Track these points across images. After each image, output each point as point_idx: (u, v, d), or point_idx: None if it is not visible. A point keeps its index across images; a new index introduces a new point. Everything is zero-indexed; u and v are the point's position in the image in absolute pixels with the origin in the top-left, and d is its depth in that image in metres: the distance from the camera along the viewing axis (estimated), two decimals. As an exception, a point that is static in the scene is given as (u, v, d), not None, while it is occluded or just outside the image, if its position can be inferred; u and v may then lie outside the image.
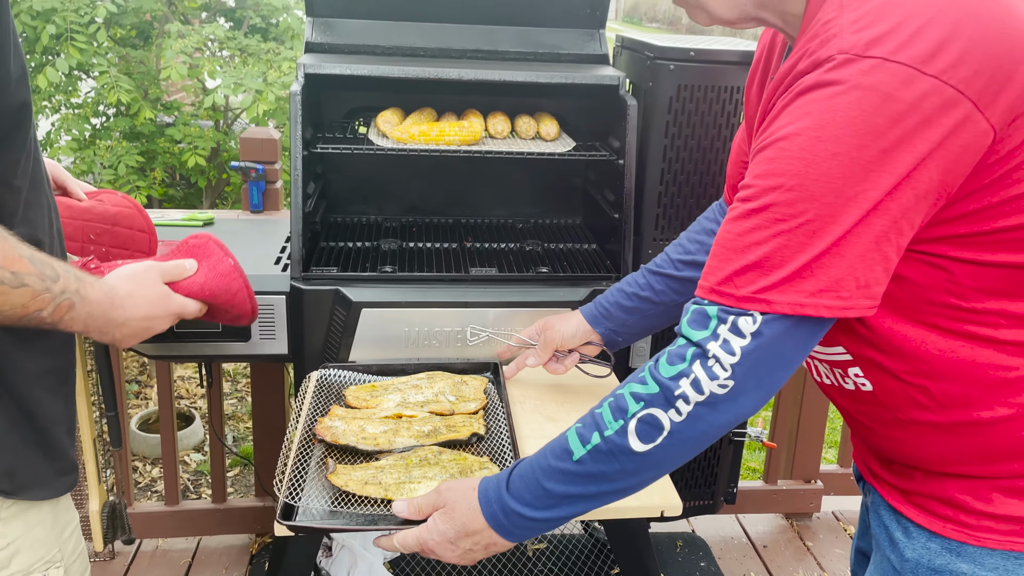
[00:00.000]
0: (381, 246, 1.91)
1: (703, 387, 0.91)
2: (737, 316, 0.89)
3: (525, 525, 1.05)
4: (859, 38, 0.83)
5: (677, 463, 0.99)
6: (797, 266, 0.86)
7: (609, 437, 0.96)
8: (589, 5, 1.97)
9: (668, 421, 0.94)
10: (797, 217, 0.85)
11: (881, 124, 0.81)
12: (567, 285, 1.74)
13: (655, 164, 1.73)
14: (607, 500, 1.03)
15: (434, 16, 1.93)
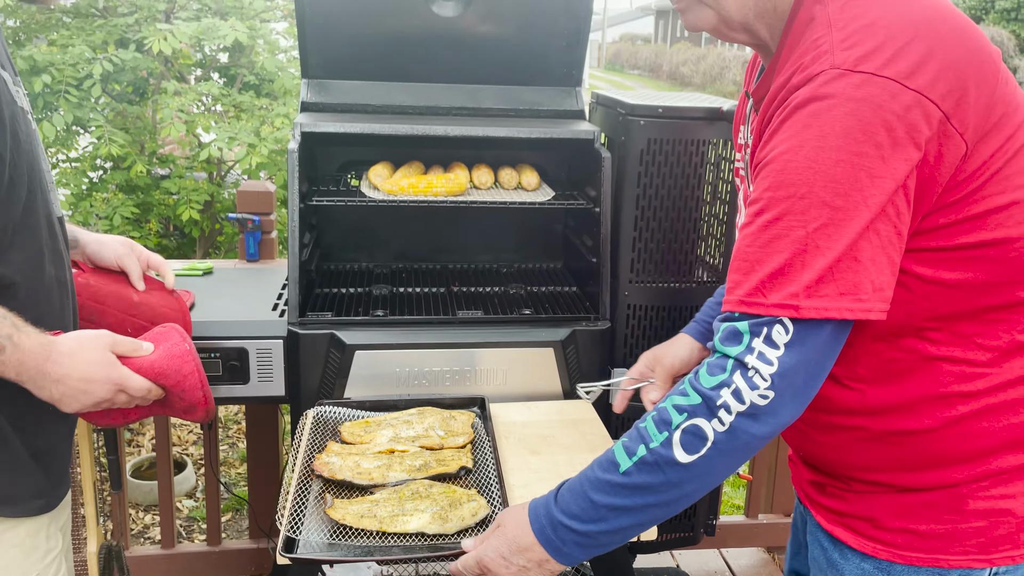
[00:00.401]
0: (373, 291, 2.02)
1: (744, 397, 0.95)
2: (769, 327, 0.94)
3: (573, 540, 1.06)
4: (848, 55, 0.93)
5: (721, 476, 1.02)
6: (819, 270, 0.92)
7: (654, 449, 1.00)
8: (566, 65, 2.11)
9: (711, 431, 0.97)
10: (813, 222, 0.91)
11: (876, 132, 0.90)
12: (549, 326, 1.84)
13: (629, 211, 1.86)
14: (653, 514, 1.04)
15: (422, 76, 2.07)
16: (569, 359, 1.82)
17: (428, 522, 1.32)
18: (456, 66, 2.07)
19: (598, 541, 1.07)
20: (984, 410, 1.05)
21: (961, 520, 1.08)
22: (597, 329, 1.84)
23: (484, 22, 2.01)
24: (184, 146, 3.42)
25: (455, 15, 1.98)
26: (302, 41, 1.98)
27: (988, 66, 0.97)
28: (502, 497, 1.39)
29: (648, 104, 1.82)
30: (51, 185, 1.29)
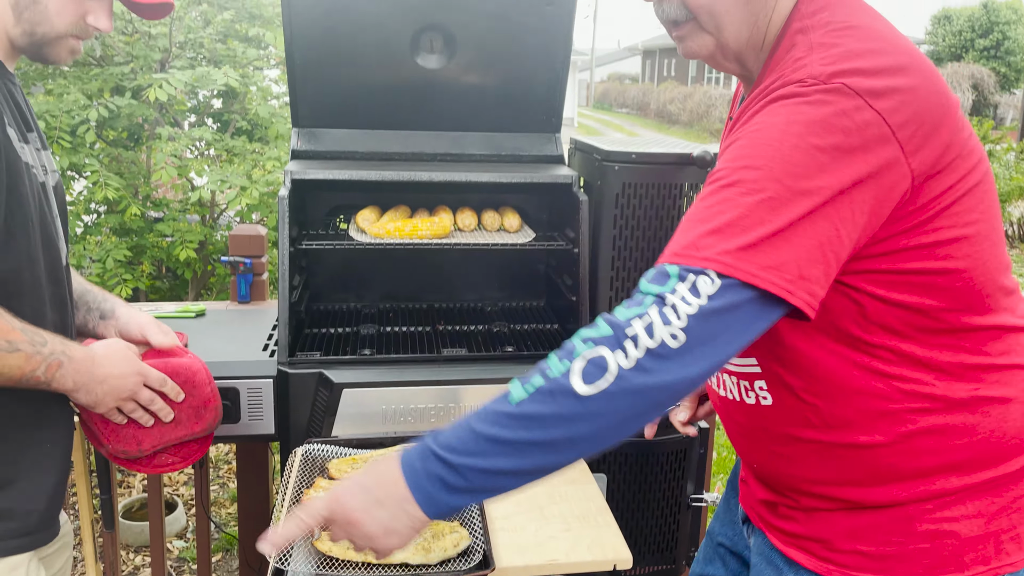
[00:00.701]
0: (360, 331, 2.08)
1: (655, 332, 0.92)
2: (697, 275, 0.93)
3: (439, 473, 0.97)
4: (825, 69, 1.00)
5: (613, 426, 0.95)
6: (754, 238, 0.94)
7: (552, 377, 0.94)
8: (545, 113, 2.21)
9: (615, 364, 0.92)
10: (760, 192, 0.95)
11: (835, 132, 0.97)
12: (531, 363, 1.89)
13: (606, 252, 1.93)
14: (534, 458, 0.96)
15: (407, 125, 2.16)
16: (550, 395, 1.88)
17: (412, 553, 1.38)
18: (440, 114, 2.16)
19: (468, 481, 0.97)
20: (930, 430, 1.11)
21: (908, 542, 1.14)
22: (577, 365, 1.91)
23: (467, 73, 2.11)
24: (178, 190, 3.50)
25: (439, 67, 2.08)
26: (292, 92, 2.07)
27: (949, 110, 1.04)
28: (483, 529, 1.44)
29: (622, 150, 1.91)
30: (62, 236, 1.39)
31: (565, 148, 2.25)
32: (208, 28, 3.59)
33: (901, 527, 1.15)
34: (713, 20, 1.14)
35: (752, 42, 1.16)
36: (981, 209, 1.07)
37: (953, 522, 1.13)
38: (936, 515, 1.14)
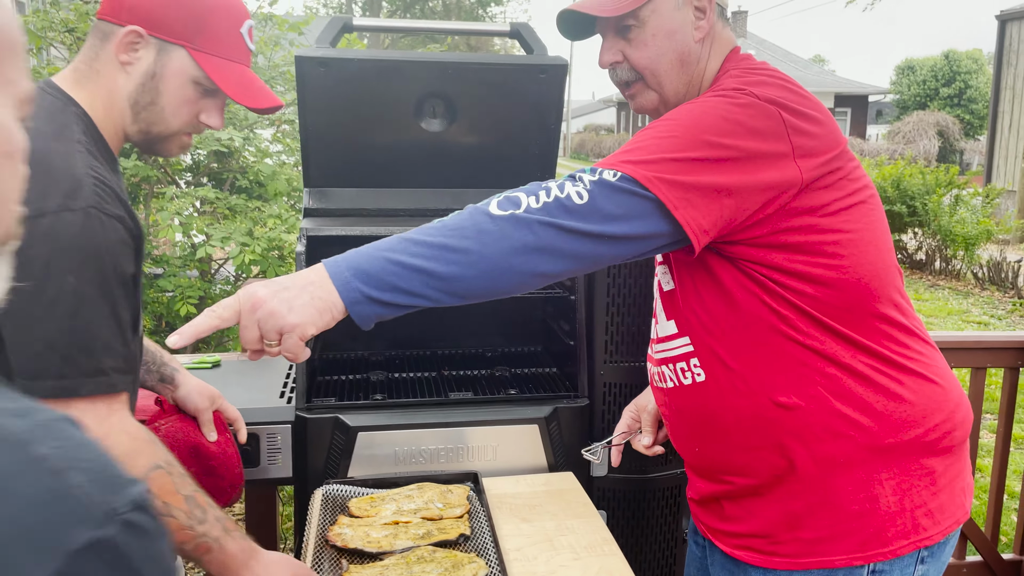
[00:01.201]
0: (371, 377, 2.20)
1: (565, 187, 1.17)
2: (602, 171, 1.20)
3: (357, 263, 1.12)
4: (740, 82, 1.32)
5: (509, 255, 1.13)
6: (655, 157, 1.20)
7: (476, 205, 1.20)
8: (539, 169, 2.36)
9: (526, 203, 1.16)
10: (671, 135, 1.23)
11: (743, 117, 1.25)
12: (533, 404, 2.03)
13: (601, 299, 2.07)
14: (444, 261, 1.13)
15: (411, 183, 2.30)
16: (552, 434, 2.00)
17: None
18: (442, 173, 2.31)
19: (381, 270, 1.12)
20: (841, 393, 1.33)
21: (838, 523, 1.32)
22: (577, 406, 2.04)
23: (466, 135, 2.27)
24: (182, 247, 3.61)
25: (441, 130, 2.24)
26: (304, 154, 2.22)
27: (838, 142, 1.33)
28: (498, 559, 1.54)
29: (614, 204, 2.07)
30: None
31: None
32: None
33: (831, 511, 1.33)
34: (656, 79, 1.43)
35: (689, 95, 1.44)
36: (865, 222, 1.33)
37: (874, 501, 1.32)
38: (859, 496, 1.32)
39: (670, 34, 1.41)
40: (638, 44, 1.42)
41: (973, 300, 9.62)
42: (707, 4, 1.42)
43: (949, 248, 10.80)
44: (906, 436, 1.34)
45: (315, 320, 1.11)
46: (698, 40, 1.42)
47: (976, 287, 10.24)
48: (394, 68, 2.13)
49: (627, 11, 1.39)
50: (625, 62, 1.44)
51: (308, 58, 2.05)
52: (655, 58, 1.41)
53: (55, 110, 1.28)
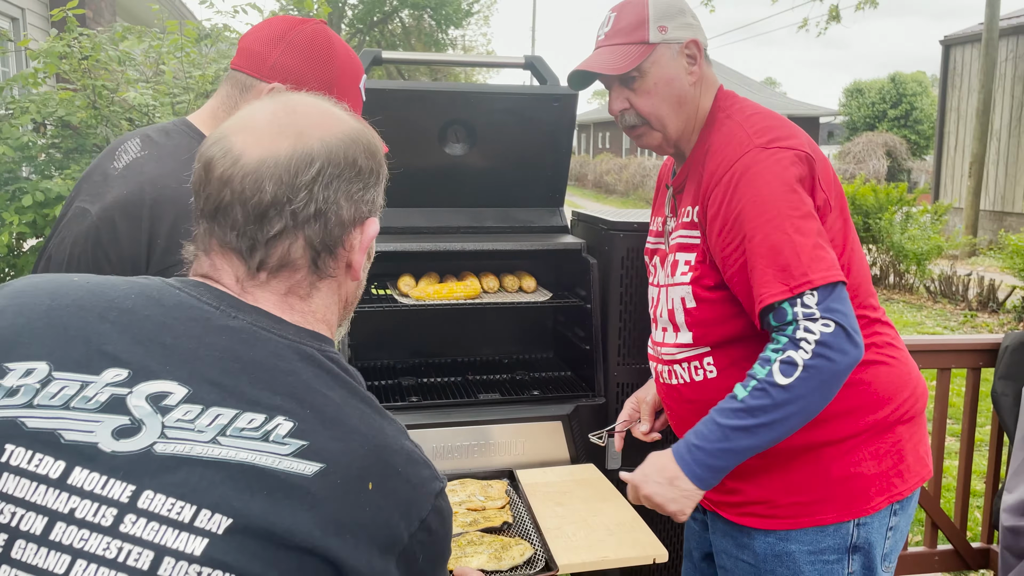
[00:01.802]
0: (402, 382, 2.37)
1: (814, 328, 1.42)
2: (801, 296, 1.44)
3: (700, 458, 1.46)
4: (762, 139, 1.55)
5: (813, 400, 1.43)
6: (807, 257, 1.45)
7: (761, 378, 1.43)
8: (550, 190, 2.58)
9: (800, 359, 1.41)
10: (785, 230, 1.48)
11: (789, 178, 1.50)
12: (556, 403, 2.22)
13: (614, 306, 2.28)
14: (763, 435, 1.44)
15: (434, 202, 2.49)
16: (574, 430, 2.19)
17: (486, 561, 1.66)
18: (462, 193, 2.50)
19: (719, 460, 1.46)
20: None
21: (830, 486, 1.58)
22: (595, 404, 2.23)
23: (485, 158, 2.47)
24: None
25: (463, 153, 2.43)
26: (337, 177, 2.40)
27: (826, 165, 1.60)
28: (541, 542, 1.73)
29: (625, 221, 2.28)
30: None
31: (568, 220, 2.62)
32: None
33: (822, 476, 1.58)
34: (660, 123, 1.66)
35: (685, 133, 1.69)
36: (843, 233, 1.61)
37: (857, 465, 1.58)
38: (844, 461, 1.58)
39: (669, 82, 1.63)
40: (642, 93, 1.64)
41: (926, 313, 10.05)
42: (696, 51, 1.66)
43: (902, 263, 11.27)
44: (883, 413, 1.61)
45: (686, 503, 1.52)
46: (692, 84, 1.66)
47: (929, 300, 10.70)
48: (421, 97, 2.33)
49: (632, 67, 1.61)
50: (632, 109, 1.66)
51: (343, 89, 2.23)
52: (658, 104, 1.64)
53: (194, 148, 1.45)
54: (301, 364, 0.87)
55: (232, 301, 0.90)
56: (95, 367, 0.82)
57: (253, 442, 0.79)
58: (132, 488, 0.76)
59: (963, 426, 3.31)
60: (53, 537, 0.75)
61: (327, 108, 0.98)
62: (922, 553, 3.30)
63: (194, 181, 0.94)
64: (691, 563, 1.91)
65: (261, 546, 0.75)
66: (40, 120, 3.91)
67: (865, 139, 28.35)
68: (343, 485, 0.80)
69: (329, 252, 0.94)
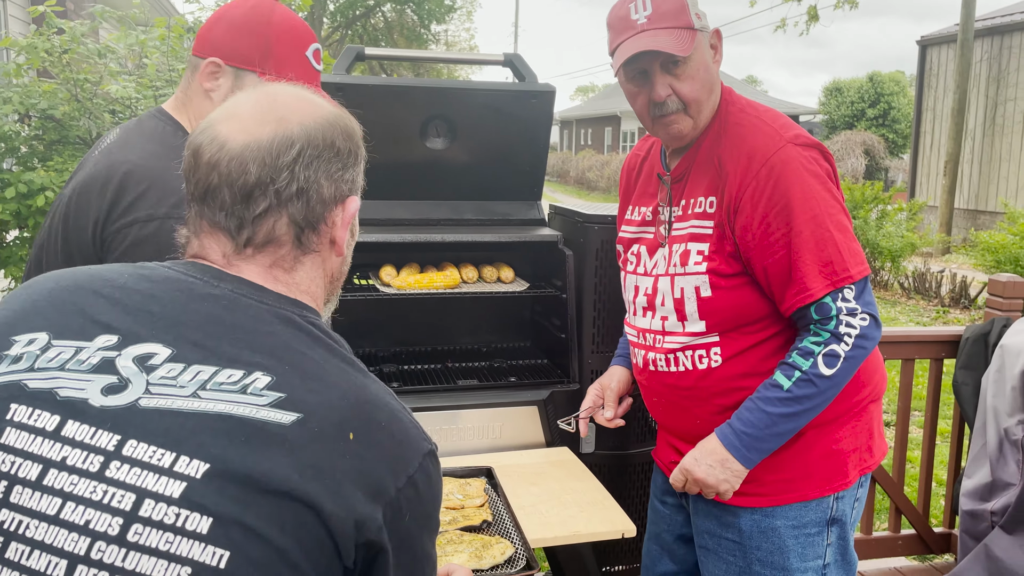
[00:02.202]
0: (383, 369, 2.45)
1: (852, 324, 1.57)
2: (840, 291, 1.56)
3: (748, 442, 1.60)
4: (789, 133, 1.64)
5: (846, 382, 1.59)
6: (845, 251, 1.58)
7: (806, 369, 1.57)
8: (528, 184, 2.66)
9: (841, 351, 1.56)
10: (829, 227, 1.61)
11: (820, 171, 1.61)
12: (532, 389, 2.31)
13: (589, 296, 2.37)
14: (802, 418, 1.59)
15: (416, 195, 2.57)
16: (549, 414, 2.28)
17: (467, 559, 1.63)
18: (443, 186, 2.58)
19: (766, 443, 1.61)
20: None
21: (813, 463, 1.68)
22: (569, 390, 2.32)
23: (465, 153, 2.54)
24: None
25: (443, 148, 2.51)
26: (320, 170, 2.46)
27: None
28: (522, 541, 1.71)
29: (599, 214, 2.37)
30: None
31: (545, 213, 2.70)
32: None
33: (804, 455, 1.68)
34: (698, 108, 1.70)
35: (706, 125, 1.72)
36: None
37: (837, 443, 1.70)
38: (826, 441, 1.69)
39: (707, 68, 1.67)
40: (685, 78, 1.65)
41: (900, 308, 10.25)
42: (718, 42, 1.71)
43: (877, 260, 11.46)
44: (861, 395, 1.73)
45: (733, 483, 1.67)
46: (716, 72, 1.71)
47: (903, 296, 10.90)
48: (403, 93, 2.40)
49: (689, 52, 1.61)
50: (674, 95, 1.66)
51: (327, 84, 2.30)
52: (699, 90, 1.66)
53: (167, 134, 1.52)
54: (281, 327, 0.95)
55: (216, 272, 0.98)
56: (88, 334, 0.91)
57: (232, 395, 0.87)
58: (118, 438, 0.84)
59: (926, 415, 3.43)
60: (46, 482, 0.84)
61: (306, 95, 1.06)
62: (886, 538, 3.42)
63: (184, 168, 1.02)
64: (659, 546, 1.98)
65: (239, 490, 0.82)
66: (23, 111, 3.93)
67: (844, 138, 28.62)
68: (321, 433, 0.87)
69: (312, 228, 1.01)
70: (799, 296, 1.58)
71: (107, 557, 0.81)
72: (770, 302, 1.65)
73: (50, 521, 0.82)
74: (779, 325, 1.68)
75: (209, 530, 0.81)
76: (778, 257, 1.59)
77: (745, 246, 1.63)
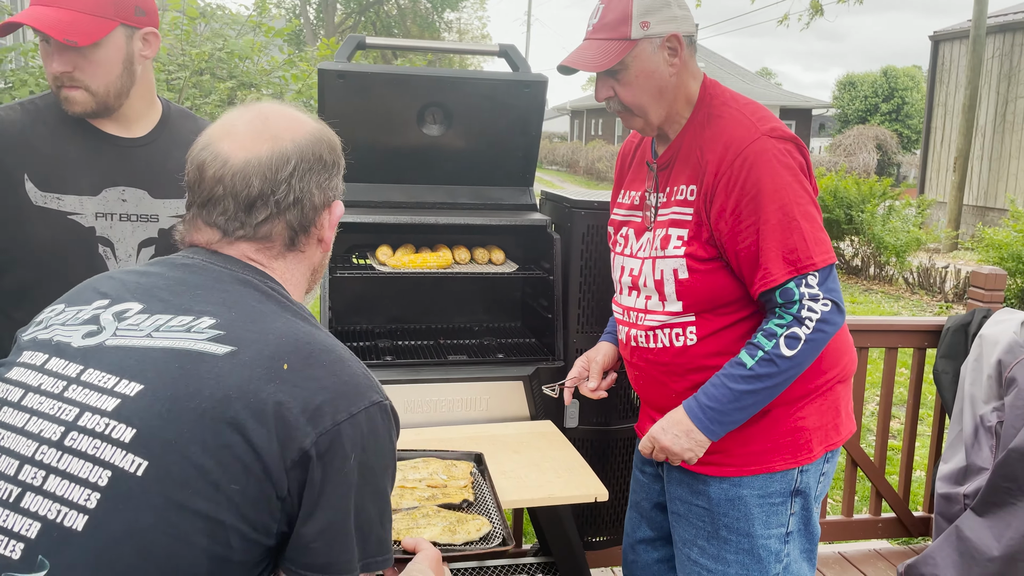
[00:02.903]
0: (378, 344, 2.57)
1: (814, 309, 1.66)
2: (804, 276, 1.66)
3: (712, 415, 1.70)
4: (763, 127, 1.73)
5: (809, 363, 1.69)
6: (811, 239, 1.67)
7: (768, 350, 1.67)
8: (521, 170, 2.76)
9: (803, 334, 1.65)
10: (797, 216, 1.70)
11: (792, 164, 1.71)
12: (518, 365, 2.43)
13: (575, 278, 2.48)
14: (763, 395, 1.69)
15: (412, 179, 2.68)
16: (534, 389, 2.39)
17: (439, 533, 1.62)
18: (438, 171, 2.69)
19: (728, 417, 1.71)
20: None
21: (778, 438, 1.78)
22: (554, 367, 2.44)
23: (460, 139, 2.65)
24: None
25: (439, 134, 2.62)
26: (321, 153, 2.58)
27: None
28: (501, 521, 1.73)
29: (586, 200, 2.48)
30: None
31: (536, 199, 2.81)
32: (211, 95, 4.06)
33: (771, 429, 1.78)
34: (641, 110, 1.82)
35: (669, 118, 1.84)
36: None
37: (802, 420, 1.80)
38: (792, 417, 1.79)
39: (649, 75, 1.77)
40: (624, 84, 1.77)
41: (904, 303, 10.31)
42: (678, 45, 1.77)
43: (882, 255, 11.51)
44: (829, 376, 1.83)
45: (696, 452, 1.78)
46: (672, 75, 1.78)
47: (907, 291, 10.96)
48: (401, 80, 2.51)
49: (615, 63, 1.73)
50: (615, 97, 1.79)
51: (329, 71, 2.42)
52: (639, 95, 1.78)
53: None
54: (239, 286, 1.10)
55: (195, 249, 1.15)
56: (89, 301, 1.12)
57: (179, 334, 1.03)
58: (81, 367, 1.03)
59: (908, 402, 3.53)
60: (23, 403, 1.03)
61: (293, 114, 1.21)
62: (867, 520, 3.52)
63: (188, 181, 1.17)
64: (638, 513, 2.11)
65: (164, 407, 0.96)
66: (38, 92, 4.07)
67: (856, 132, 28.54)
68: (251, 362, 0.99)
69: (304, 231, 1.17)
70: (764, 280, 1.68)
71: (47, 459, 0.97)
72: (742, 286, 1.75)
73: (17, 432, 1.00)
74: (751, 308, 1.78)
75: (131, 440, 0.95)
76: (748, 243, 1.69)
77: (719, 232, 1.73)
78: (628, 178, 2.02)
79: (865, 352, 3.36)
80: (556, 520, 2.22)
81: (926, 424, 5.28)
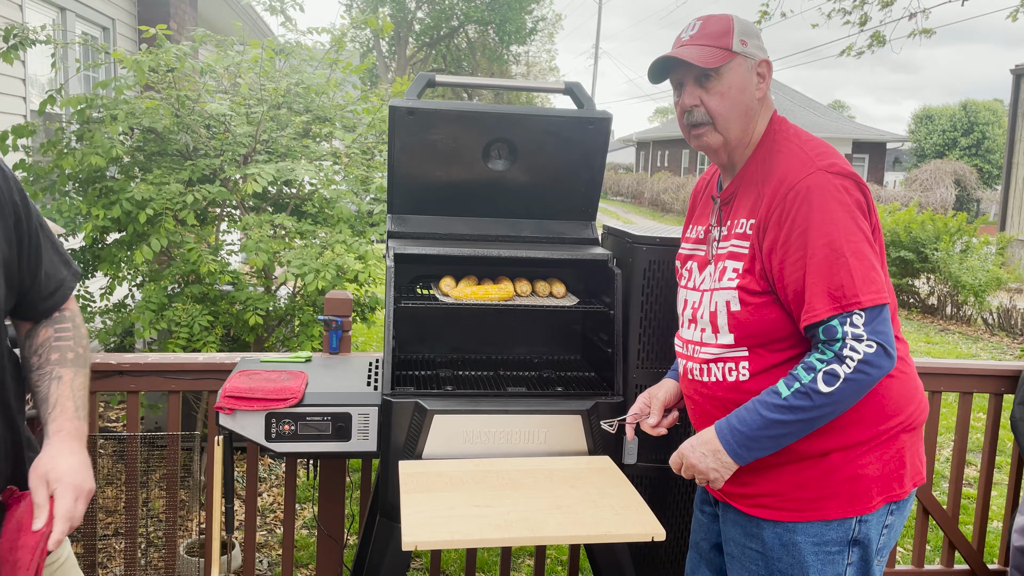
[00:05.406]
0: (439, 374, 2.61)
1: (857, 349, 1.62)
2: (850, 316, 1.63)
3: (740, 440, 1.69)
4: (823, 162, 1.71)
5: (847, 405, 1.64)
6: (859, 279, 1.63)
7: (805, 383, 1.64)
8: (583, 204, 2.79)
9: (843, 372, 1.61)
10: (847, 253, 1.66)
11: (849, 202, 1.68)
12: (577, 399, 2.43)
13: (636, 313, 2.48)
14: (798, 428, 1.65)
15: (476, 212, 2.73)
16: (592, 424, 2.39)
17: None
18: (502, 205, 2.74)
19: (757, 443, 1.69)
20: None
21: (836, 485, 1.73)
22: (613, 402, 2.43)
23: (524, 174, 2.70)
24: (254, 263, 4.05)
25: (504, 169, 2.67)
26: (390, 186, 2.66)
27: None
28: None
29: (647, 235, 2.48)
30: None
31: (599, 233, 2.83)
32: (287, 128, 4.22)
33: (829, 475, 1.74)
34: (725, 125, 1.81)
35: (741, 144, 1.84)
36: (881, 256, 1.75)
37: (862, 468, 1.75)
38: (852, 464, 1.74)
39: (741, 90, 1.79)
40: (715, 93, 1.79)
41: (982, 345, 9.90)
42: (767, 71, 1.82)
43: (960, 294, 11.11)
44: (891, 423, 1.77)
45: (723, 474, 1.78)
46: (758, 99, 1.82)
47: (986, 333, 10.53)
48: (468, 117, 2.57)
49: (717, 65, 1.76)
50: (701, 106, 1.80)
51: (399, 108, 2.50)
52: (727, 107, 1.79)
53: None
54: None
55: None
56: None
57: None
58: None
59: (983, 450, 3.40)
60: None
61: None
62: (938, 571, 3.39)
63: None
64: (698, 554, 2.09)
65: None
66: (128, 130, 4.29)
67: (933, 166, 27.76)
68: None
69: None
70: (807, 316, 1.67)
71: None
72: (794, 322, 1.74)
73: None
74: (804, 345, 1.75)
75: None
76: (795, 278, 1.68)
77: (770, 266, 1.73)
78: (697, 213, 2.05)
79: (939, 396, 3.26)
80: (612, 558, 2.20)
81: (1003, 472, 5.05)
